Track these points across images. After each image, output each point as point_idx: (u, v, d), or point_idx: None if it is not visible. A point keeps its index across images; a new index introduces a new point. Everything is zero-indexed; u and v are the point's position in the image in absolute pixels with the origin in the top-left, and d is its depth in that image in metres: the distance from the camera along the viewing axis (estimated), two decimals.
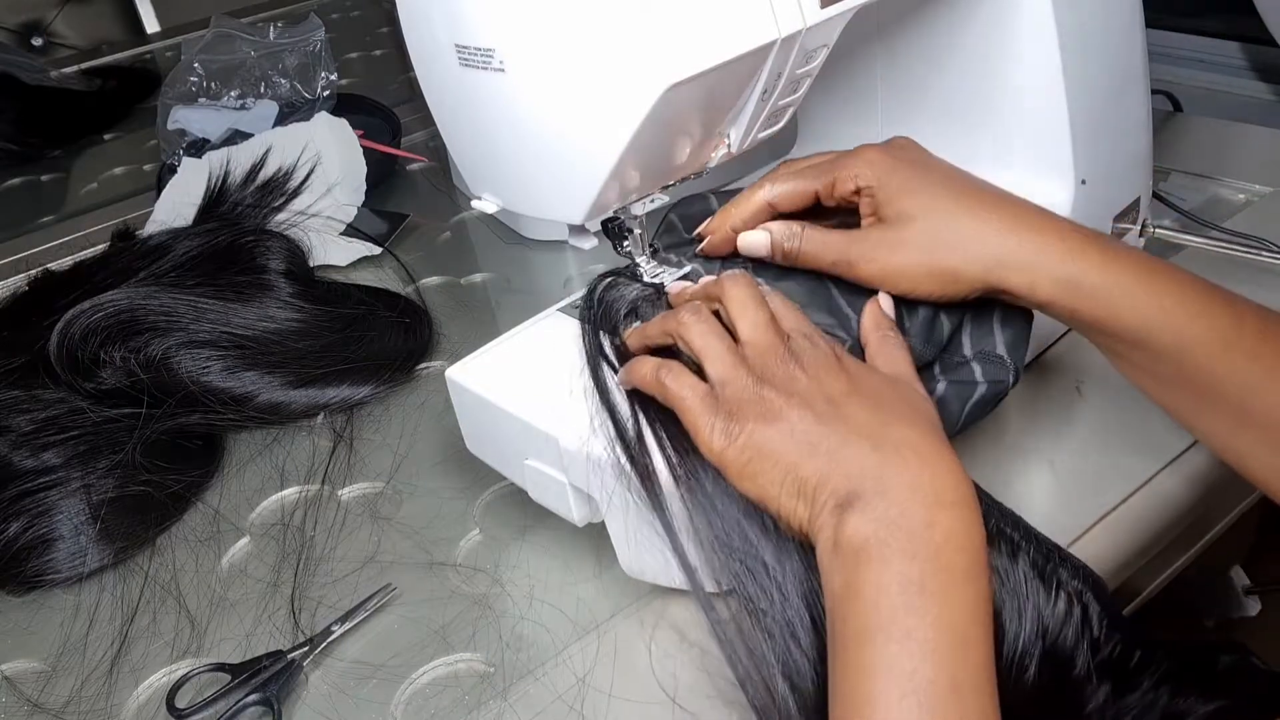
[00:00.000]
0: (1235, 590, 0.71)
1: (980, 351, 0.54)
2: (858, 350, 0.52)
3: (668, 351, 0.51)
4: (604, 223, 0.58)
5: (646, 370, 0.49)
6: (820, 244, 0.53)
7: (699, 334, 0.48)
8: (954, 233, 0.50)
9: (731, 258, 0.58)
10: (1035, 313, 0.55)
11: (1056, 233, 0.49)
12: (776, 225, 0.55)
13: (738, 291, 0.49)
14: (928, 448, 0.43)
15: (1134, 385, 0.52)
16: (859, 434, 0.44)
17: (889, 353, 0.50)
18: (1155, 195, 0.74)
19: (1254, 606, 0.71)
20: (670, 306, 0.55)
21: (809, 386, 0.45)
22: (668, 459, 0.48)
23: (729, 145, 0.54)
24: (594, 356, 0.53)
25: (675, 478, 0.47)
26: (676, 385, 0.47)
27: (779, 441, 0.44)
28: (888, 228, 0.52)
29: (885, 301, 0.52)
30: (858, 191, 0.53)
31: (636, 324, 0.55)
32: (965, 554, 0.41)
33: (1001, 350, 0.54)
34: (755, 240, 0.55)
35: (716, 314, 0.50)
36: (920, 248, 0.51)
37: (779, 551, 0.46)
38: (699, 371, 0.48)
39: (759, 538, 0.46)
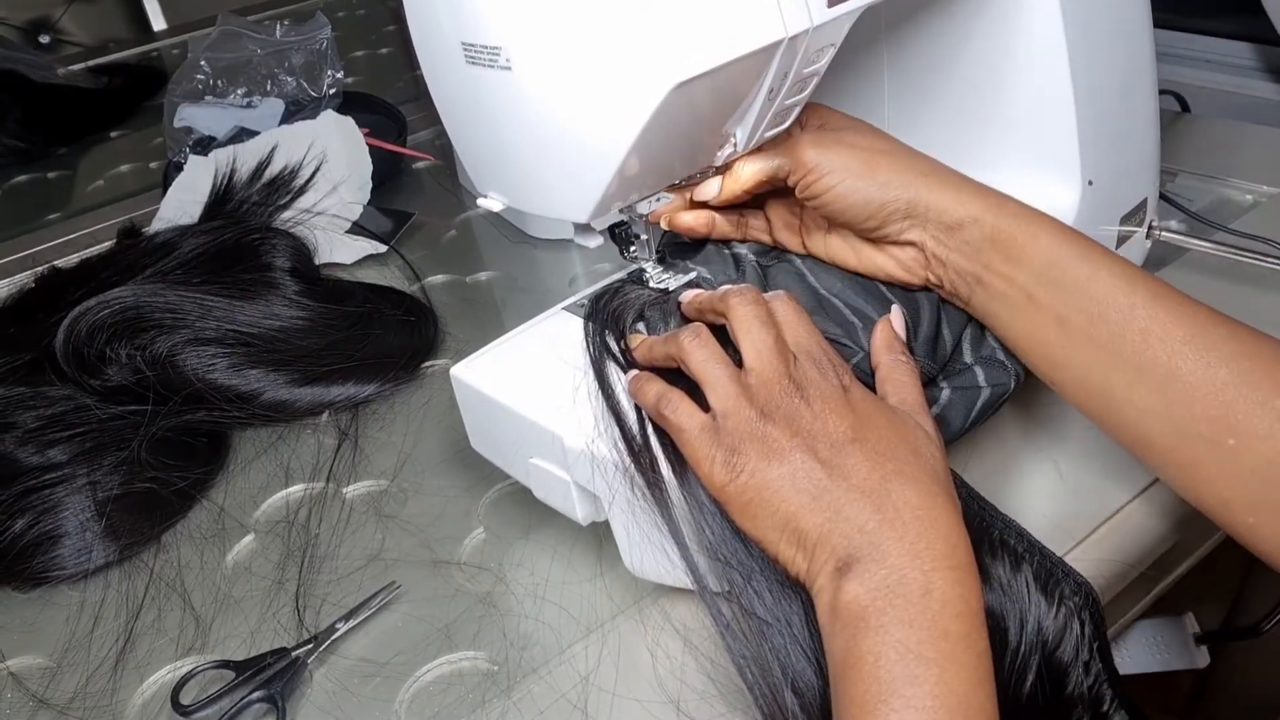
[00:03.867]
0: (1187, 638, 0.70)
1: (981, 356, 0.54)
2: (866, 364, 0.52)
3: (674, 369, 0.51)
4: (611, 228, 0.58)
5: (649, 398, 0.49)
6: (757, 156, 0.54)
7: (699, 361, 0.48)
8: (886, 151, 0.52)
9: (737, 273, 0.58)
10: None
11: (979, 186, 0.52)
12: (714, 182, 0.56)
13: (744, 310, 0.49)
14: (927, 508, 0.43)
15: (1036, 352, 0.51)
16: (860, 490, 0.43)
17: (898, 379, 0.49)
18: (1162, 196, 0.74)
19: (1204, 658, 0.70)
20: (680, 309, 0.55)
21: (813, 426, 0.45)
22: (671, 463, 0.48)
23: (735, 144, 0.54)
24: (599, 359, 0.53)
25: (680, 481, 0.47)
26: (676, 416, 0.47)
27: (780, 485, 0.44)
28: (826, 131, 0.54)
29: (896, 320, 0.52)
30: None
31: (642, 326, 0.55)
32: (962, 619, 0.40)
33: (1001, 355, 0.54)
34: (707, 188, 0.56)
35: (723, 328, 0.50)
36: (854, 146, 0.52)
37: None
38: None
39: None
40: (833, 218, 0.54)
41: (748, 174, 0.54)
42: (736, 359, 0.48)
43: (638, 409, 0.50)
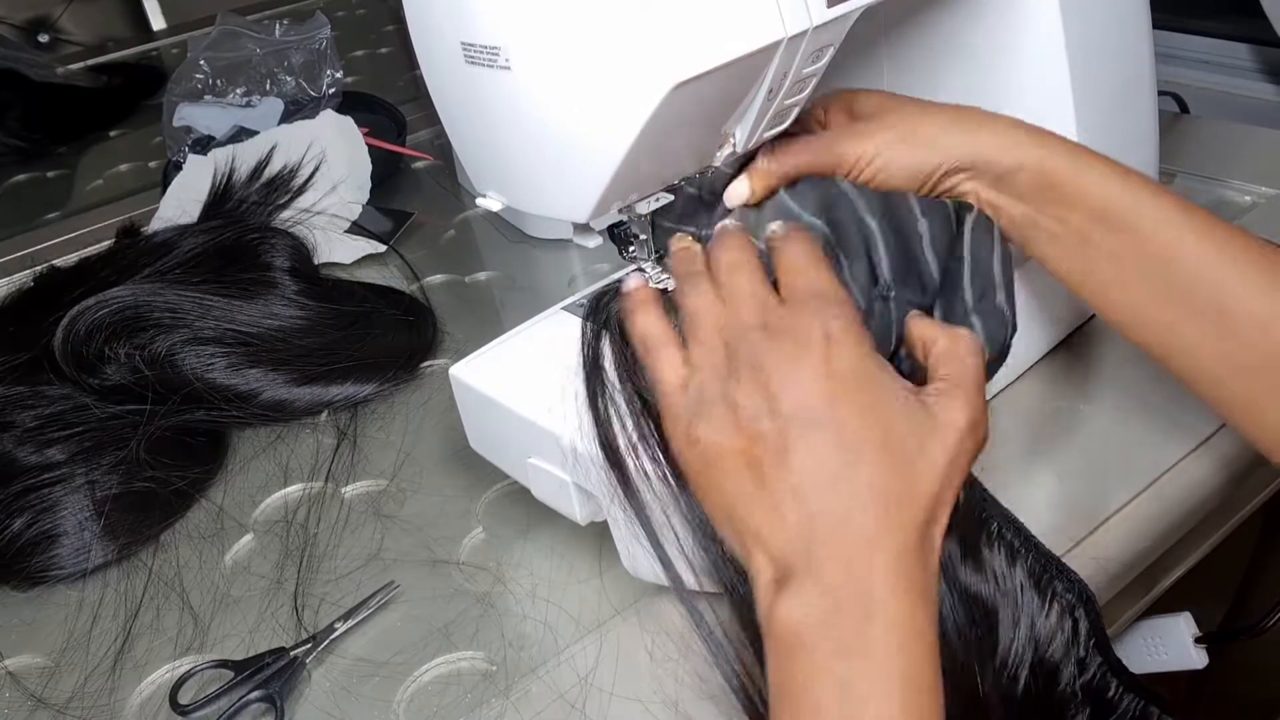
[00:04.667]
0: (1185, 639, 0.70)
1: (980, 306, 0.51)
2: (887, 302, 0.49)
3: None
4: (609, 228, 0.58)
5: (636, 329, 0.47)
6: (800, 146, 0.53)
7: (690, 311, 0.45)
8: (929, 115, 0.52)
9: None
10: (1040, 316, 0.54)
11: (1024, 124, 0.51)
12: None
13: (726, 255, 0.46)
14: (878, 520, 0.38)
15: (1081, 289, 0.51)
16: (805, 489, 0.38)
17: (958, 353, 0.43)
18: None
19: (1202, 659, 0.70)
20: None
21: (778, 388, 0.40)
22: (651, 471, 0.47)
23: (734, 145, 0.54)
24: (591, 366, 0.53)
25: (658, 494, 0.47)
26: (656, 364, 0.45)
27: (727, 464, 0.40)
28: (860, 121, 0.53)
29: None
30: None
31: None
32: (905, 653, 0.36)
33: (1001, 298, 0.51)
34: (736, 190, 0.54)
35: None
36: (893, 127, 0.52)
37: None
38: None
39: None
40: (882, 187, 0.53)
41: (786, 167, 0.53)
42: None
43: (622, 423, 0.48)
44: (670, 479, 0.47)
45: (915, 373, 0.45)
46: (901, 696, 0.36)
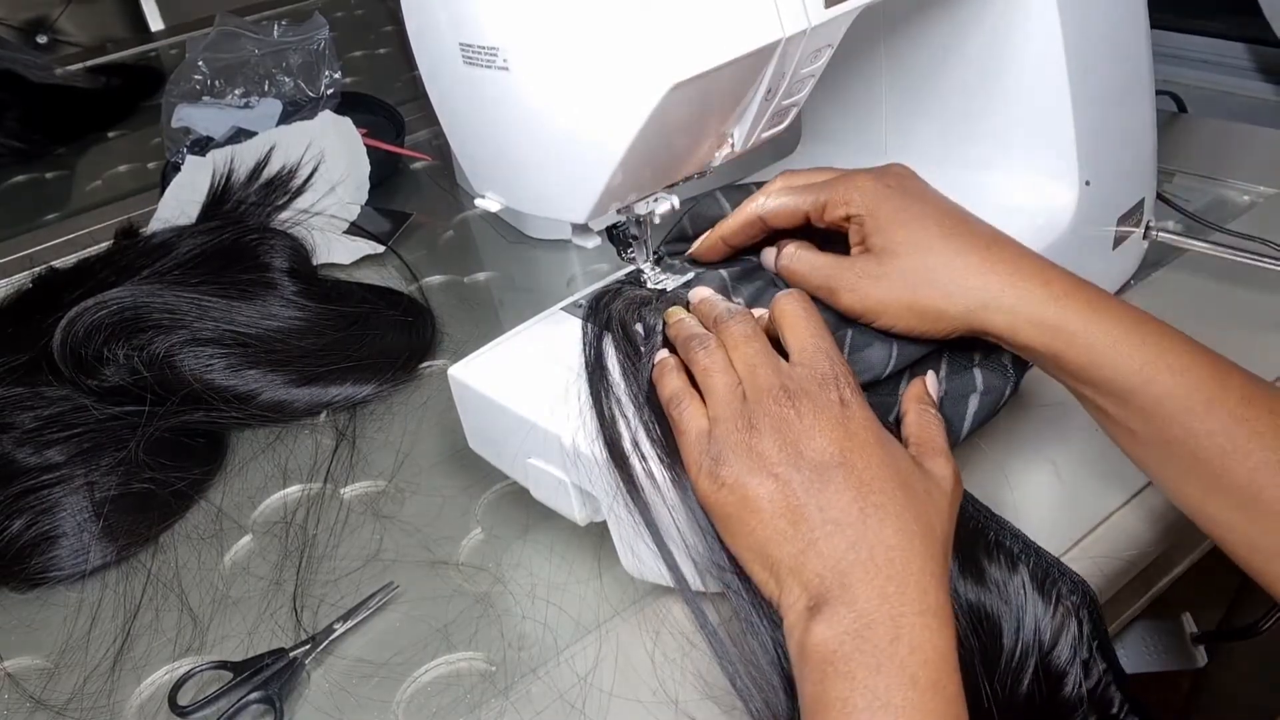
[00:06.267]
0: (1184, 638, 0.70)
1: (985, 361, 0.54)
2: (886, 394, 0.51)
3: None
4: (608, 228, 0.58)
5: (665, 392, 0.49)
6: (809, 265, 0.53)
7: (702, 368, 0.48)
8: (938, 271, 0.49)
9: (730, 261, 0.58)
10: None
11: (1042, 277, 0.48)
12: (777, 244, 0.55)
13: (734, 328, 0.49)
14: (901, 548, 0.41)
15: (1115, 443, 0.50)
16: (837, 523, 0.42)
17: (925, 424, 0.48)
18: (1159, 197, 0.74)
19: (1201, 658, 0.70)
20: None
21: (800, 442, 0.44)
22: (657, 471, 0.48)
23: (732, 145, 0.54)
24: (594, 367, 0.53)
25: (663, 493, 0.47)
26: (681, 417, 0.47)
27: (758, 504, 0.43)
28: (873, 259, 0.51)
29: (931, 385, 0.51)
30: (848, 218, 0.52)
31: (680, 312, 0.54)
32: (930, 667, 0.39)
33: (1006, 359, 0.54)
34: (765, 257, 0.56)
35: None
36: (903, 283, 0.50)
37: None
38: None
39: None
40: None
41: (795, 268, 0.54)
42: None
43: (628, 422, 0.50)
44: (674, 479, 0.47)
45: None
46: (925, 705, 0.39)
